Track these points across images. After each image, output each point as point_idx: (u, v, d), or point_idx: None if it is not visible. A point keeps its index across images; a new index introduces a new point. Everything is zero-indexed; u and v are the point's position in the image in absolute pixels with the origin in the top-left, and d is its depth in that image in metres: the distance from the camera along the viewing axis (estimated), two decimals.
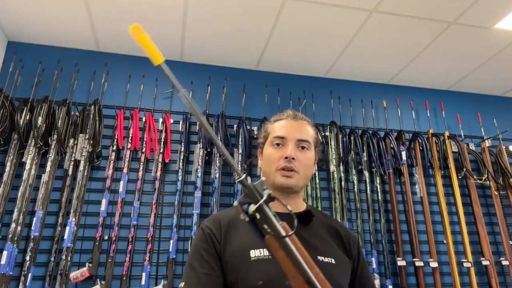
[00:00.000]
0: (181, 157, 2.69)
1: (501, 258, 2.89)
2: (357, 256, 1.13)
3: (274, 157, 1.10)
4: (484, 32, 2.72)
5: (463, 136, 3.26)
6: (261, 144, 1.20)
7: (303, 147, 1.12)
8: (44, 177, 2.42)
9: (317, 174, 2.82)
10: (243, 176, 0.72)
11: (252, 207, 0.71)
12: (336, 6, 2.45)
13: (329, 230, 1.13)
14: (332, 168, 2.84)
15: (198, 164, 2.65)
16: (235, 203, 0.69)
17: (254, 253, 0.98)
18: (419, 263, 2.70)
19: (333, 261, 1.03)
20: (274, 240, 0.70)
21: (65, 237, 2.31)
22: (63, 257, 2.28)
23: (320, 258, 1.01)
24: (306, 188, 2.73)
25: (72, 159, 2.51)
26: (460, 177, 3.03)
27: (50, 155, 2.47)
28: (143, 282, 2.35)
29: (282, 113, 1.20)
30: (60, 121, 2.54)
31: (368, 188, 2.88)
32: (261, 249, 0.99)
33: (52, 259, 2.30)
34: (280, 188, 1.07)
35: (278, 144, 1.12)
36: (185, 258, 2.47)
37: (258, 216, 0.71)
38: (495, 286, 2.76)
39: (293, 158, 1.07)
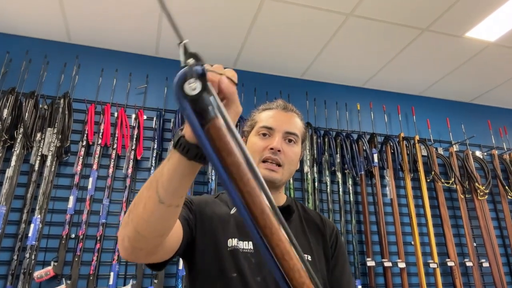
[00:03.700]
0: (154, 155, 2.64)
1: (466, 260, 3.00)
2: (334, 243, 1.12)
3: (258, 146, 1.05)
4: (455, 40, 2.81)
5: (432, 141, 3.35)
6: (246, 133, 1.14)
7: (290, 140, 1.07)
8: (9, 172, 2.31)
9: None
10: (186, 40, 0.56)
11: (196, 83, 0.52)
12: (314, 8, 2.47)
13: (308, 224, 1.11)
14: (306, 168, 2.86)
15: None
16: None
17: (232, 243, 0.97)
18: (387, 264, 2.76)
19: (309, 257, 1.03)
20: (220, 128, 0.50)
21: (30, 234, 2.22)
22: (27, 255, 2.19)
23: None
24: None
25: (39, 153, 2.42)
26: (428, 180, 3.12)
27: (15, 149, 2.37)
28: (111, 282, 2.29)
29: (272, 103, 1.15)
30: (27, 114, 2.44)
31: (341, 189, 2.92)
32: (241, 241, 0.98)
33: (15, 257, 2.21)
34: None
35: (264, 134, 1.06)
36: None
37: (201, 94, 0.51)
38: (459, 287, 2.86)
39: (279, 151, 1.02)
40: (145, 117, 2.75)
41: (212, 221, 0.99)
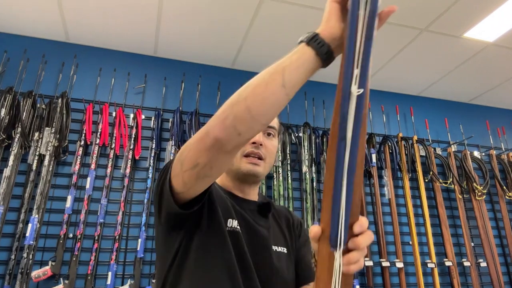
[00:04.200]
0: (152, 154, 2.64)
1: (463, 259, 3.00)
2: (299, 230, 1.15)
3: None
4: (453, 40, 2.81)
5: (430, 141, 3.35)
6: None
7: (269, 134, 1.08)
8: (6, 172, 2.31)
9: (289, 175, 2.83)
10: None
11: None
12: (313, 8, 2.47)
13: (280, 218, 1.13)
14: (305, 169, 2.86)
15: None
16: None
17: (231, 223, 0.97)
18: (385, 264, 2.76)
19: (285, 250, 1.05)
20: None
21: (27, 234, 2.22)
22: (25, 255, 2.19)
23: (274, 248, 1.02)
24: (278, 188, 2.73)
25: (37, 153, 2.42)
26: (426, 180, 3.13)
27: (13, 149, 2.36)
28: (108, 282, 2.29)
29: None
30: (25, 113, 2.43)
31: None
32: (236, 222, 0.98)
33: (13, 257, 2.20)
34: (245, 175, 1.04)
35: None
36: (154, 258, 2.43)
37: None
38: (457, 287, 2.86)
39: (261, 144, 1.03)
40: (143, 116, 2.75)
41: (216, 197, 0.99)
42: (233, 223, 0.97)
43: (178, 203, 0.85)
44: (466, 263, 2.97)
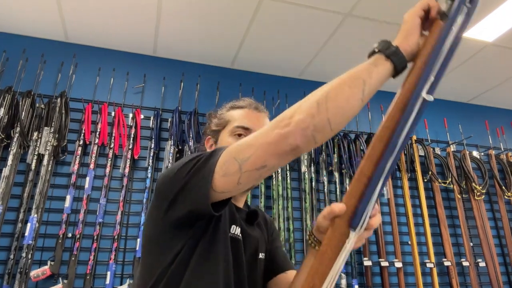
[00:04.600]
0: (151, 154, 2.64)
1: (462, 259, 3.00)
2: (272, 231, 1.16)
3: None
4: None
5: (429, 141, 3.36)
6: (213, 132, 1.09)
7: None
8: (5, 171, 2.31)
9: (288, 174, 2.83)
10: None
11: None
12: (312, 7, 2.47)
13: (261, 222, 1.12)
14: (304, 168, 2.86)
15: (169, 162, 2.60)
16: None
17: (234, 230, 0.96)
18: (384, 263, 2.76)
19: (263, 256, 1.06)
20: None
21: (26, 234, 2.22)
22: (23, 254, 2.19)
23: (260, 256, 1.03)
24: (277, 188, 2.73)
25: (36, 153, 2.41)
26: (425, 180, 3.13)
27: (12, 148, 2.36)
28: (107, 281, 2.29)
29: (239, 101, 1.12)
30: (23, 113, 2.43)
31: (338, 189, 2.92)
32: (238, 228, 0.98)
33: (12, 256, 2.20)
34: None
35: (240, 135, 1.03)
36: None
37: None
38: (455, 286, 2.86)
39: None
40: (142, 116, 2.75)
41: None
42: (236, 230, 0.96)
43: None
44: (465, 263, 2.97)
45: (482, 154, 3.52)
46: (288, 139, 0.70)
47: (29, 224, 2.24)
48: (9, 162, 2.33)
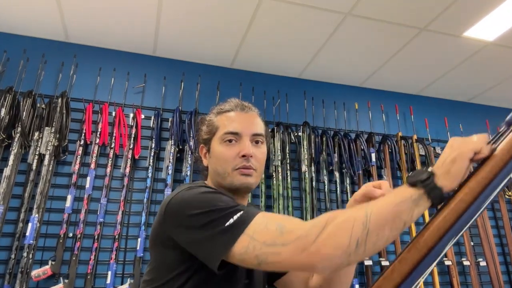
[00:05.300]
0: (152, 154, 2.64)
1: (463, 259, 3.00)
2: None
3: (228, 156, 0.99)
4: (453, 40, 2.81)
5: (430, 140, 3.36)
6: (205, 140, 1.07)
7: (257, 141, 1.02)
8: (6, 171, 2.31)
9: (289, 174, 2.83)
10: None
11: None
12: (312, 7, 2.47)
13: None
14: (304, 168, 2.86)
15: (169, 161, 2.61)
16: None
17: None
18: (385, 263, 2.77)
19: None
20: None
21: (27, 233, 2.22)
22: (24, 254, 2.19)
23: None
24: (277, 188, 2.74)
25: (37, 153, 2.42)
26: None
27: (13, 148, 2.37)
28: (108, 281, 2.30)
29: (225, 103, 1.08)
30: (24, 113, 2.44)
31: (338, 189, 2.92)
32: None
33: (13, 256, 2.21)
34: (239, 188, 0.99)
35: (230, 141, 1.00)
36: None
37: None
38: (456, 286, 2.86)
39: (251, 156, 0.98)
40: (143, 116, 2.75)
41: None
42: None
43: None
44: (466, 262, 2.97)
45: None
46: (313, 264, 0.71)
47: (30, 224, 2.24)
48: (10, 162, 2.34)
